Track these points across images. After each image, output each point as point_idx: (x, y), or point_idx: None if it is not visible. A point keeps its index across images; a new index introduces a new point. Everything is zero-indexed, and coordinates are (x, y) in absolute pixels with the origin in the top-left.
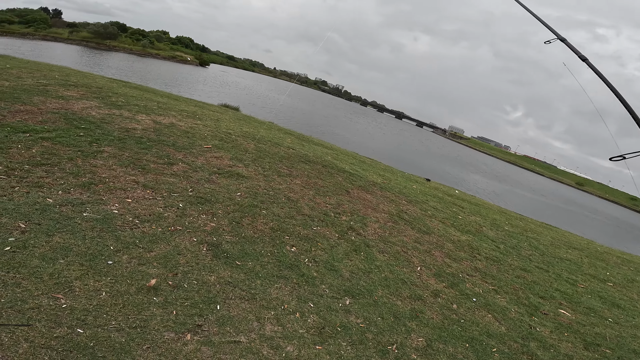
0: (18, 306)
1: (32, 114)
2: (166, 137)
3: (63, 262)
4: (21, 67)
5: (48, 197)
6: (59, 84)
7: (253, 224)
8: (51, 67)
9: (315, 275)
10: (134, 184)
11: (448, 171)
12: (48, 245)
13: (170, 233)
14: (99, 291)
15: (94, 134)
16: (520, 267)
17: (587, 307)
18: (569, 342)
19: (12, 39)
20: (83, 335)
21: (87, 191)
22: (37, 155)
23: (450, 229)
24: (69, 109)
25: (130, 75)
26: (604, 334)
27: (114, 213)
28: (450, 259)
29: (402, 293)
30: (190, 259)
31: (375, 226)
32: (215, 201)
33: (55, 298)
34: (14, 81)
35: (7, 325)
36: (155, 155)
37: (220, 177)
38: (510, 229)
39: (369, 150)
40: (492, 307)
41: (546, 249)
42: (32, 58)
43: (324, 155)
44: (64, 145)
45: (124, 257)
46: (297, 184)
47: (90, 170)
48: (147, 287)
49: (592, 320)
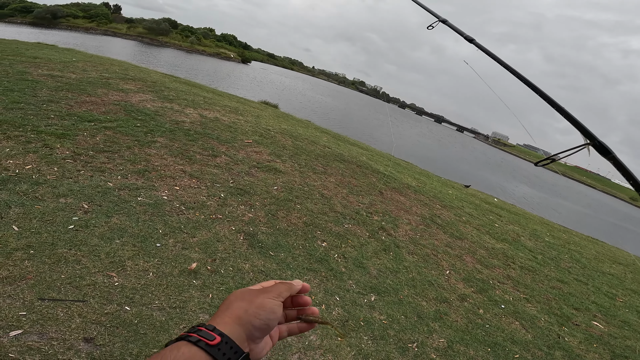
0: (76, 282)
1: (96, 104)
2: (211, 131)
3: (119, 242)
4: (86, 60)
5: (109, 181)
6: (119, 77)
7: (287, 217)
8: (112, 62)
9: (344, 270)
10: (181, 173)
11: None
12: (107, 226)
13: (212, 221)
14: (147, 271)
15: (149, 125)
16: (557, 279)
17: (622, 321)
18: (596, 353)
19: (77, 33)
20: (129, 312)
21: (142, 177)
22: (100, 143)
23: (485, 236)
24: (128, 101)
25: (180, 71)
26: (634, 347)
27: (163, 199)
28: (481, 265)
29: (428, 294)
30: (228, 247)
31: (407, 228)
32: (254, 193)
33: (109, 276)
34: (80, 74)
35: (64, 300)
36: (201, 147)
37: (259, 171)
38: (550, 240)
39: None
40: (520, 315)
41: (588, 262)
42: (95, 52)
43: (359, 155)
44: (124, 135)
45: (170, 241)
46: (332, 181)
47: (145, 159)
48: (188, 270)
49: (625, 333)
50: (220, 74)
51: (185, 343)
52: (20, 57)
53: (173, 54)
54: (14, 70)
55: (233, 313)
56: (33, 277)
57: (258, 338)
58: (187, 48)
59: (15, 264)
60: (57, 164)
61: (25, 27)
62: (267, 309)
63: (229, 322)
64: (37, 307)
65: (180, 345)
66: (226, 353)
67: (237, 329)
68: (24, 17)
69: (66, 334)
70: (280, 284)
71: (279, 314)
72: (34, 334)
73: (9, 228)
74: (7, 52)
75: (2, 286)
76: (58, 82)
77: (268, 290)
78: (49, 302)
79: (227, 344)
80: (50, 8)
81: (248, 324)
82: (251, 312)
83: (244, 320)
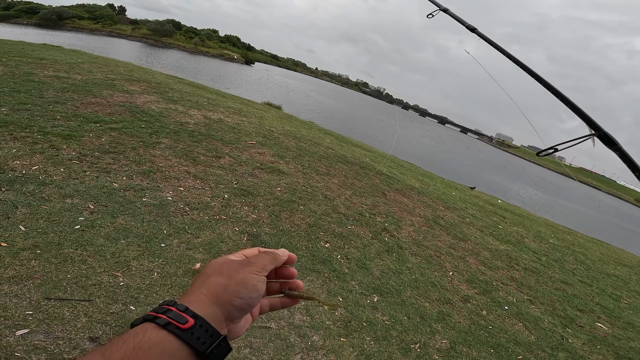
0: (82, 282)
1: (102, 106)
2: (215, 132)
3: (124, 243)
4: (91, 61)
5: (114, 182)
6: (124, 78)
7: (291, 218)
8: (117, 63)
9: (347, 271)
10: (186, 174)
11: (494, 180)
12: (112, 226)
13: (216, 221)
14: (152, 271)
15: (154, 126)
16: (561, 280)
17: (627, 322)
18: (600, 355)
19: (82, 34)
20: (134, 312)
21: (146, 178)
22: (106, 144)
23: (489, 238)
24: (133, 103)
25: (184, 72)
26: (638, 348)
27: (168, 200)
28: (485, 266)
29: (430, 295)
30: (232, 247)
31: (410, 229)
32: (257, 194)
33: (114, 276)
34: (86, 75)
35: (71, 300)
36: (205, 148)
37: (263, 172)
38: (555, 242)
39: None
40: (524, 316)
41: (593, 264)
42: (100, 53)
43: (362, 156)
44: (129, 136)
45: (175, 241)
46: (335, 183)
47: (150, 160)
48: (192, 270)
49: (629, 334)
50: (224, 75)
51: (153, 326)
52: (26, 58)
53: (177, 55)
54: (20, 72)
55: (210, 290)
56: (39, 276)
57: (237, 318)
58: (191, 49)
59: (22, 264)
60: (64, 165)
61: (31, 28)
62: (249, 287)
63: (205, 301)
64: (44, 306)
65: (146, 327)
66: (201, 337)
67: (214, 309)
68: (30, 18)
69: (72, 333)
70: (264, 255)
71: (262, 291)
72: (40, 333)
73: (16, 228)
74: (13, 53)
75: (9, 285)
76: (64, 83)
77: (250, 262)
78: (55, 302)
79: (202, 327)
80: (56, 9)
81: (227, 304)
82: (231, 289)
83: (222, 300)
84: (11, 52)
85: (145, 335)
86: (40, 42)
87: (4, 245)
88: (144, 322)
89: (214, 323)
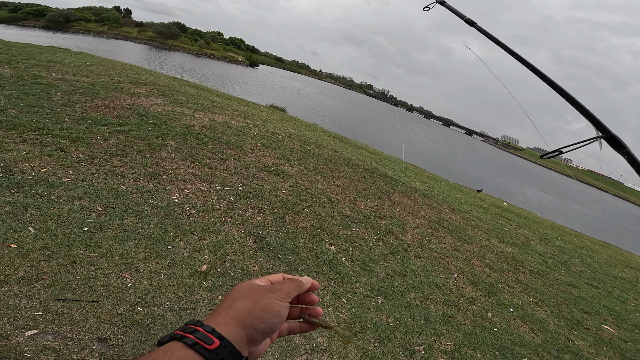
0: (90, 283)
1: (109, 108)
2: (220, 135)
3: (131, 244)
4: (98, 64)
5: (122, 184)
6: (131, 81)
7: (295, 220)
8: (123, 65)
9: (351, 273)
10: (192, 176)
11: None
12: (120, 228)
13: (221, 223)
14: (159, 273)
15: (160, 128)
16: (568, 282)
17: (634, 324)
18: (606, 357)
19: (89, 37)
20: (142, 313)
21: (153, 181)
22: (113, 146)
23: (494, 240)
24: (139, 105)
25: (189, 74)
26: None
27: (174, 202)
28: (490, 269)
29: (435, 297)
30: (237, 249)
31: (414, 232)
32: (262, 197)
33: (122, 277)
34: (93, 78)
35: (79, 301)
36: (211, 151)
37: (267, 175)
38: (561, 245)
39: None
40: (529, 319)
41: (599, 267)
42: (107, 56)
43: (366, 159)
44: (136, 138)
45: (181, 243)
46: (339, 185)
47: (157, 162)
48: (198, 272)
49: (636, 337)
50: (229, 78)
51: (181, 345)
52: (34, 61)
53: (182, 58)
54: (29, 74)
55: (236, 313)
56: (49, 277)
57: (258, 341)
58: (196, 52)
59: (31, 265)
60: (72, 167)
61: (39, 31)
62: (273, 312)
63: (230, 324)
64: (53, 307)
65: (175, 346)
66: (224, 358)
67: (239, 331)
68: (37, 21)
69: (80, 333)
70: (289, 282)
71: (284, 316)
72: (49, 333)
73: (26, 230)
74: (21, 56)
75: (19, 286)
76: (72, 85)
77: (276, 289)
78: (64, 303)
79: (226, 349)
80: (63, 12)
81: (251, 327)
82: (256, 314)
83: (247, 323)
84: (19, 54)
85: (173, 354)
86: (48, 44)
87: (14, 246)
88: (171, 340)
89: (237, 345)
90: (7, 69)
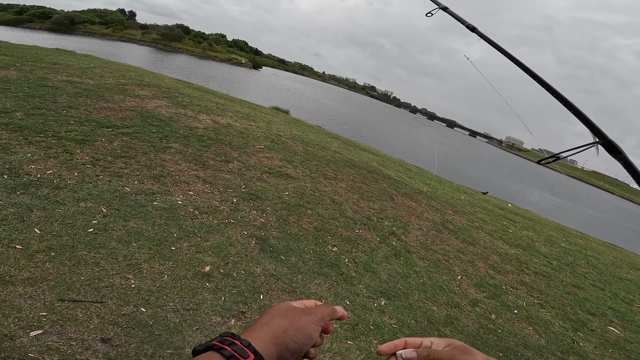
0: (95, 284)
1: (114, 110)
2: (223, 137)
3: (135, 246)
4: (103, 66)
5: (126, 186)
6: (135, 83)
7: (298, 222)
8: (128, 68)
9: (354, 275)
10: (195, 178)
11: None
12: (124, 229)
13: (225, 225)
14: (162, 274)
15: (164, 130)
16: (573, 284)
17: (639, 326)
18: (611, 358)
19: (94, 39)
20: (145, 314)
21: (157, 182)
22: (118, 148)
23: (498, 242)
24: (143, 107)
25: (193, 76)
26: None
27: (178, 203)
28: (494, 270)
29: (438, 299)
30: (240, 251)
31: (418, 233)
32: (265, 198)
33: (126, 278)
34: (98, 80)
35: (83, 301)
36: (214, 153)
37: (270, 177)
38: (566, 246)
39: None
40: (534, 320)
41: (605, 268)
42: (112, 58)
43: (369, 161)
44: (140, 140)
45: (185, 244)
46: (342, 187)
47: (160, 164)
48: (201, 273)
49: None
50: (232, 80)
51: (218, 356)
52: (40, 63)
53: (186, 60)
54: (34, 76)
55: (272, 331)
56: (54, 278)
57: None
58: (200, 54)
59: (36, 266)
60: (77, 169)
61: (44, 33)
62: (305, 334)
63: (265, 340)
64: (57, 307)
65: (212, 356)
66: None
67: (271, 348)
68: (43, 23)
69: (84, 334)
70: (324, 307)
71: (315, 339)
72: (53, 334)
73: (31, 231)
74: (27, 58)
75: (24, 287)
76: (77, 88)
77: (312, 312)
78: (69, 303)
79: None
80: (68, 14)
81: (283, 345)
82: (290, 333)
83: (280, 341)
84: (25, 56)
85: None
86: (53, 46)
87: (19, 247)
88: (207, 349)
89: None
90: (13, 71)
